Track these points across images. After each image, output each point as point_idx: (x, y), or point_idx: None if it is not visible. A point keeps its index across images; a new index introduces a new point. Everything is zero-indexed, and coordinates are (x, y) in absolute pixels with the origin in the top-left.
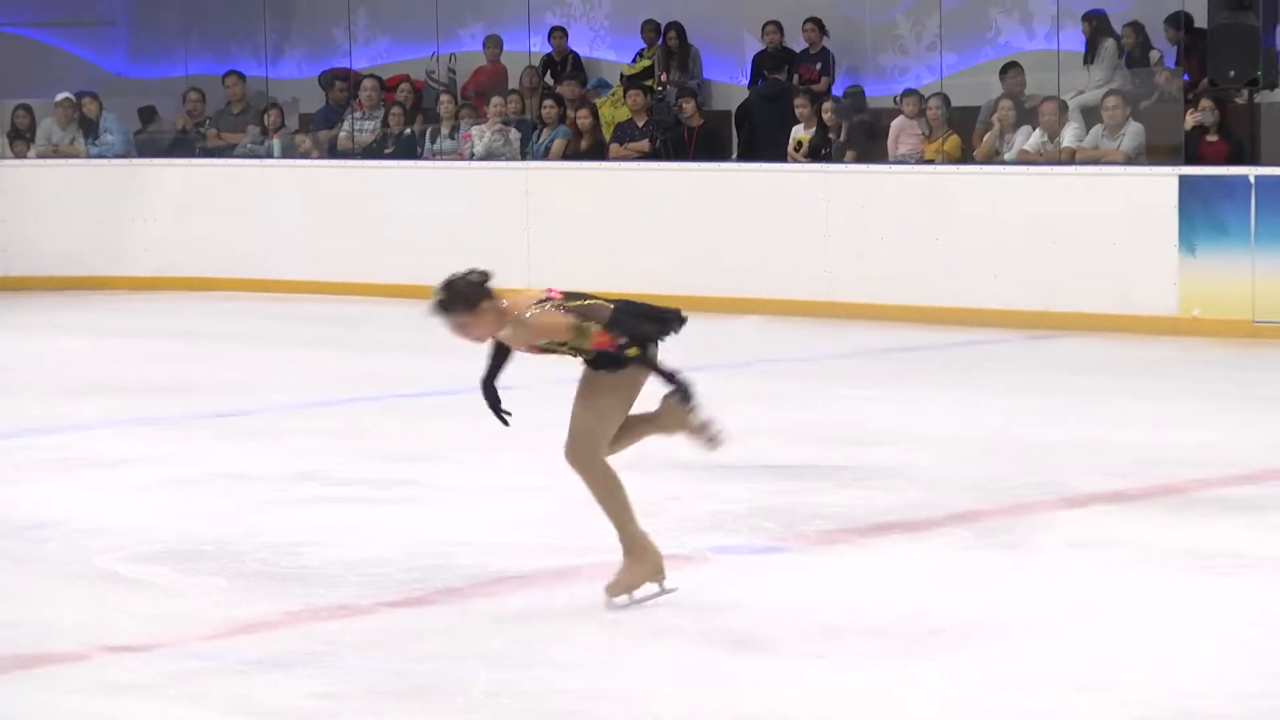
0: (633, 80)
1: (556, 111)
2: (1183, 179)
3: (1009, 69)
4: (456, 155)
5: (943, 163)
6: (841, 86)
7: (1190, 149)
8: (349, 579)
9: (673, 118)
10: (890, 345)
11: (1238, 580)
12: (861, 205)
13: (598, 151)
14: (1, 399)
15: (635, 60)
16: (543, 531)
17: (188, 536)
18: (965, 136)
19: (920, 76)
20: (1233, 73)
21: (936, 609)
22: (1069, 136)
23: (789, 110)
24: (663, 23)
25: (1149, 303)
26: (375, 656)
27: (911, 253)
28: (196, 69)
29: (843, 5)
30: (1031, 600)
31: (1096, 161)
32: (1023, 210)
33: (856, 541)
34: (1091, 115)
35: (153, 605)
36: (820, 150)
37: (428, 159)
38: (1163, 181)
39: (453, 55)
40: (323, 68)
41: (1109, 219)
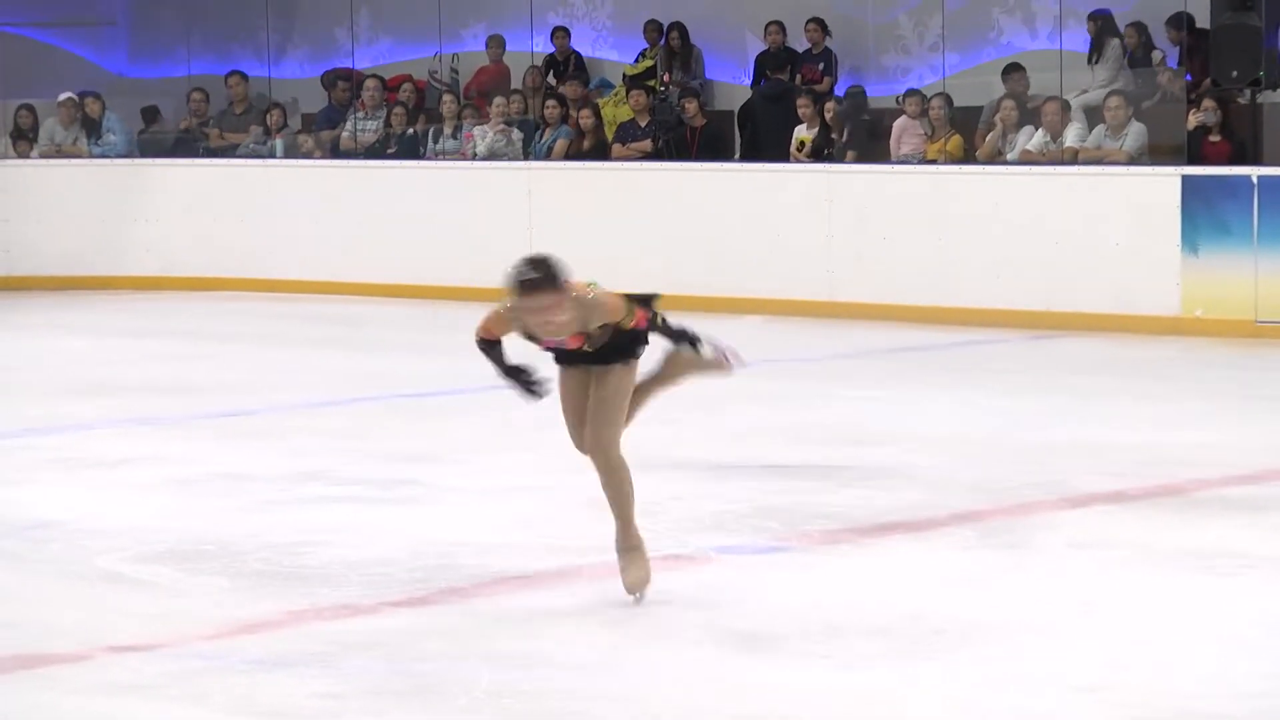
0: (635, 80)
1: (559, 111)
2: (1185, 179)
3: (1011, 69)
4: (459, 155)
5: (945, 163)
6: (844, 86)
7: (1193, 149)
8: (351, 579)
9: (675, 118)
10: (892, 345)
11: (1239, 581)
12: (864, 205)
13: (600, 151)
14: (3, 399)
15: (638, 60)
16: (544, 532)
17: (189, 536)
18: (968, 136)
19: (923, 76)
20: (1235, 73)
21: (938, 609)
22: (1071, 136)
23: (791, 110)
24: (665, 23)
25: (1151, 303)
26: (377, 656)
27: (914, 253)
28: (199, 69)
29: (845, 5)
30: (1033, 600)
31: (1099, 162)
32: (1025, 210)
33: (859, 541)
34: (1094, 115)
35: (154, 605)
36: (823, 150)
37: (430, 159)
38: (1165, 182)
39: (455, 55)
40: (325, 68)
41: (1111, 219)
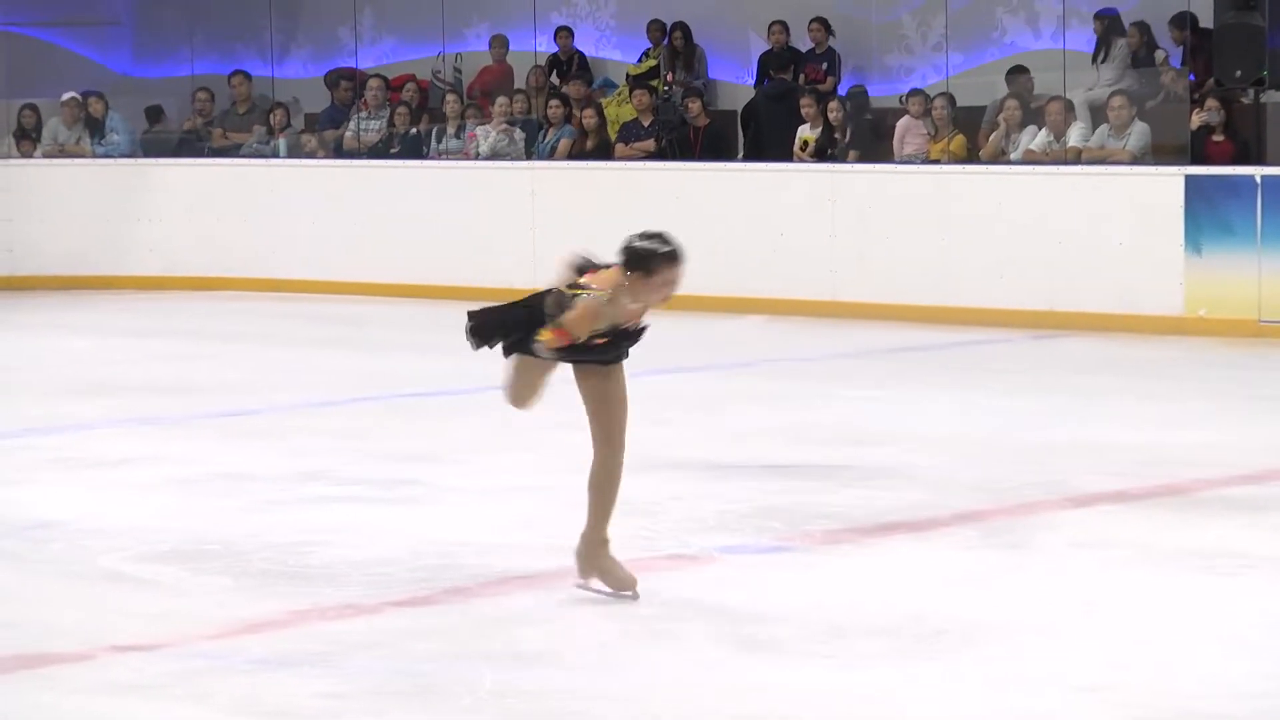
0: (638, 80)
1: (562, 111)
2: (1188, 179)
3: (1015, 69)
4: (462, 155)
5: (948, 162)
6: (847, 86)
7: (1196, 149)
8: (353, 579)
9: (678, 117)
10: (895, 345)
11: (1240, 581)
12: (867, 205)
13: (603, 151)
14: (5, 399)
15: (641, 60)
16: (545, 531)
17: (191, 536)
18: (971, 136)
19: (926, 76)
20: (1239, 73)
21: (940, 609)
22: (1075, 136)
23: (794, 110)
24: (668, 22)
25: (1154, 303)
26: (380, 656)
27: (916, 253)
28: (202, 69)
29: (848, 5)
30: (1034, 600)
31: (1102, 161)
32: (1028, 210)
33: (861, 541)
34: (1098, 113)
35: (157, 605)
36: (826, 150)
37: (433, 159)
38: (1168, 181)
39: (458, 55)
40: (328, 67)
41: (1115, 219)
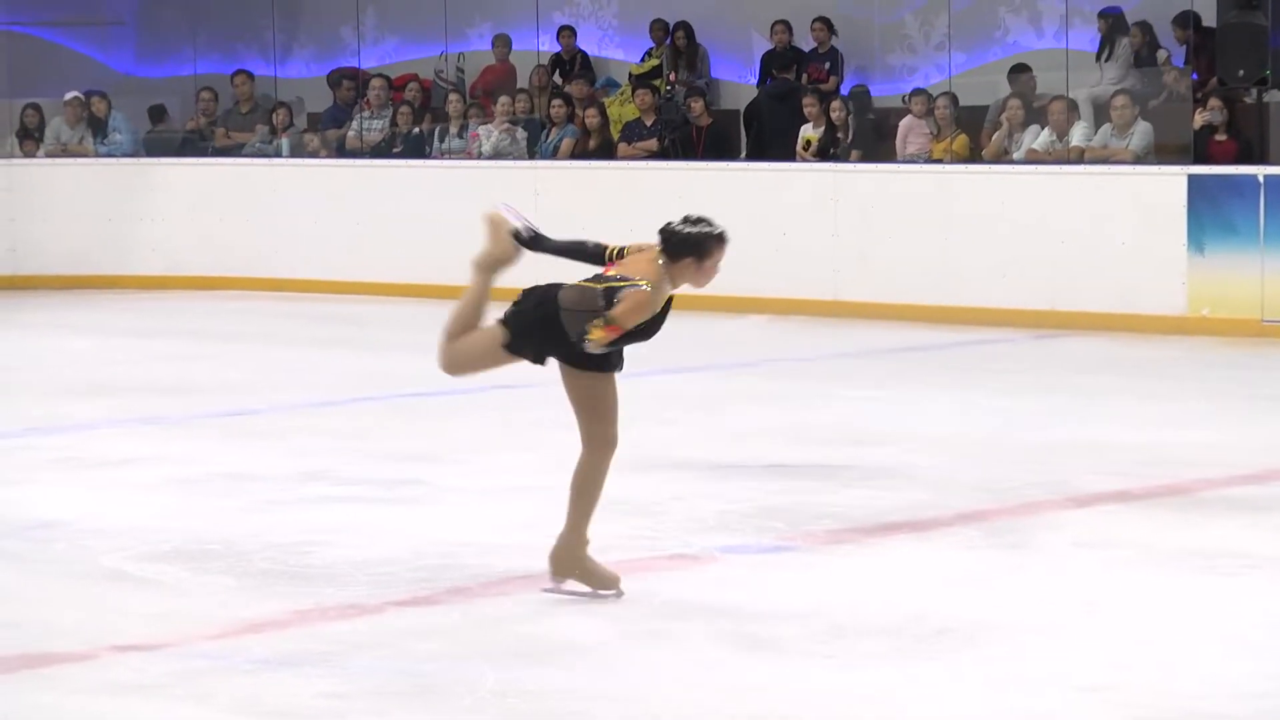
0: (641, 79)
1: (565, 111)
2: (1191, 178)
3: (1017, 68)
4: (465, 155)
5: (951, 162)
6: (849, 86)
7: (1199, 148)
8: (355, 579)
9: (681, 117)
10: (897, 345)
11: (1242, 581)
12: (869, 205)
13: (606, 151)
14: (7, 398)
15: (644, 59)
16: (546, 531)
17: (193, 536)
18: (974, 136)
19: (929, 76)
20: (1241, 72)
21: (942, 609)
22: (1078, 136)
23: (797, 110)
24: (671, 22)
25: (1157, 302)
26: (382, 656)
27: (919, 252)
28: (205, 68)
29: (851, 5)
30: (1036, 600)
31: (1105, 161)
32: (1031, 210)
33: (862, 541)
34: (1101, 111)
35: (159, 605)
36: (828, 150)
37: (436, 158)
38: (1171, 181)
39: (461, 55)
40: (331, 67)
41: (1117, 218)
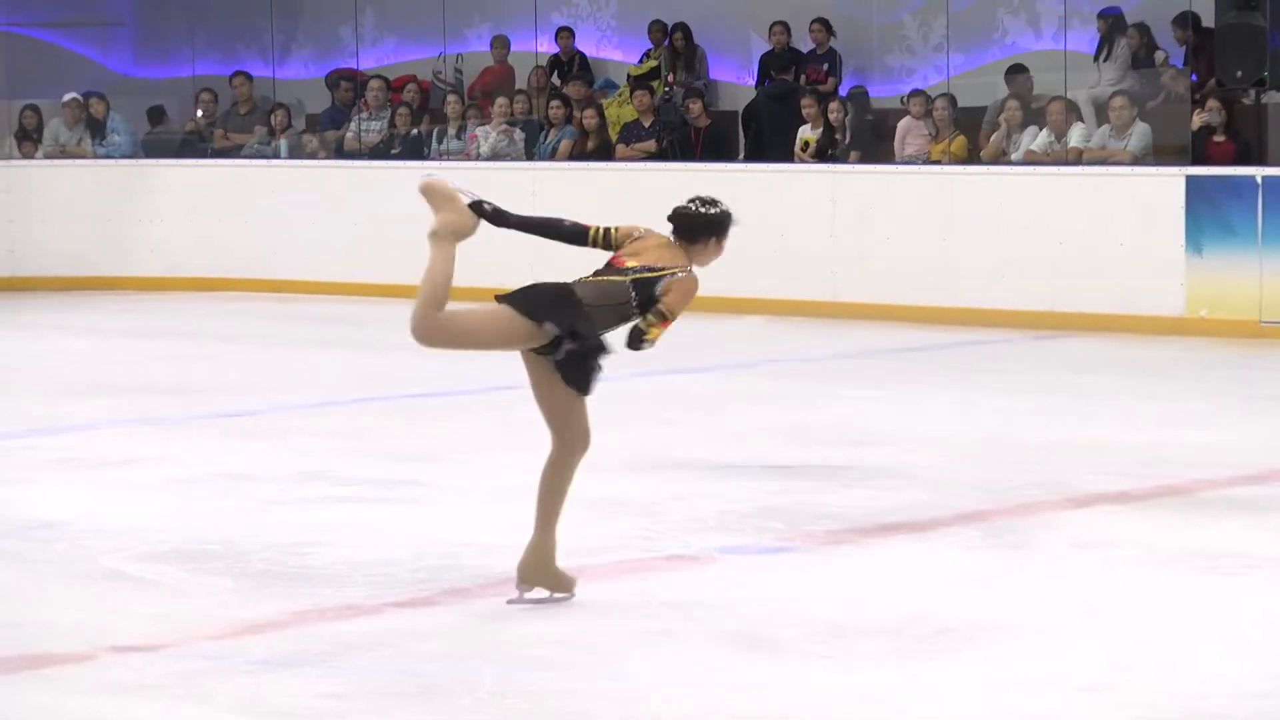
0: (639, 80)
1: (563, 112)
2: (1189, 179)
3: (1016, 69)
4: (463, 156)
5: (949, 163)
6: (848, 87)
7: (1197, 149)
8: (355, 579)
9: (679, 118)
10: (896, 345)
11: (1243, 581)
12: (868, 206)
13: (604, 152)
14: (7, 399)
15: (642, 60)
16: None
17: (193, 537)
18: (972, 137)
19: (927, 77)
20: (1240, 73)
21: (941, 609)
22: (1076, 137)
23: (796, 111)
24: (669, 23)
25: (1155, 303)
26: (381, 657)
27: (918, 253)
28: (203, 69)
29: (850, 6)
30: (1036, 600)
31: (1103, 162)
32: (1029, 211)
33: (861, 541)
34: (1102, 112)
35: (158, 605)
36: (827, 151)
37: (434, 160)
38: (1169, 182)
39: (459, 55)
40: (329, 68)
41: (1116, 219)
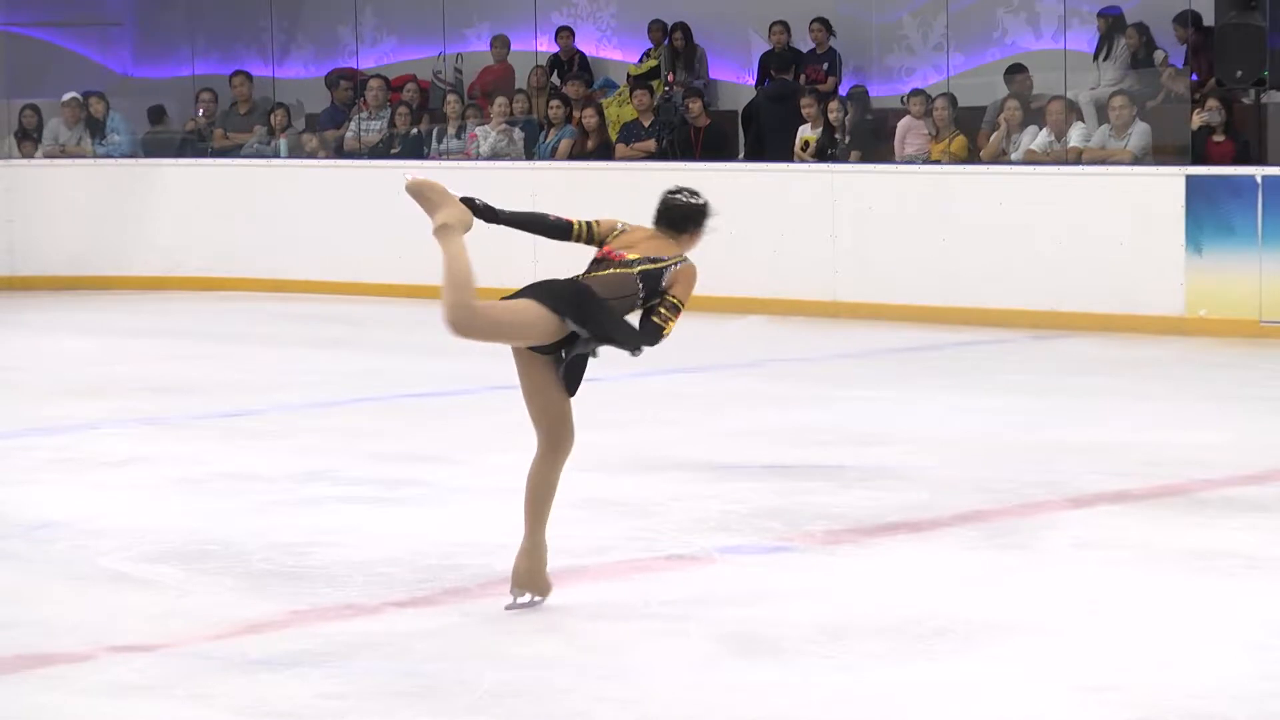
0: (639, 80)
1: (563, 111)
2: (1189, 179)
3: (1015, 69)
4: (463, 155)
5: (949, 163)
6: (848, 86)
7: (1197, 149)
8: (356, 579)
9: (679, 118)
10: (895, 345)
11: (1243, 581)
12: (867, 206)
13: (604, 152)
14: (8, 399)
15: (642, 60)
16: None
17: (194, 536)
18: (971, 137)
19: (927, 77)
20: (1240, 73)
21: (942, 609)
22: (1076, 136)
23: (795, 110)
24: (669, 23)
25: (1155, 303)
26: (382, 657)
27: (917, 253)
28: (203, 69)
29: (849, 5)
30: (1037, 601)
31: (1103, 161)
32: (1029, 210)
33: (862, 542)
34: (1103, 112)
35: (159, 605)
36: (826, 150)
37: (434, 159)
38: (1169, 181)
39: (459, 55)
40: (329, 68)
41: (1115, 219)
